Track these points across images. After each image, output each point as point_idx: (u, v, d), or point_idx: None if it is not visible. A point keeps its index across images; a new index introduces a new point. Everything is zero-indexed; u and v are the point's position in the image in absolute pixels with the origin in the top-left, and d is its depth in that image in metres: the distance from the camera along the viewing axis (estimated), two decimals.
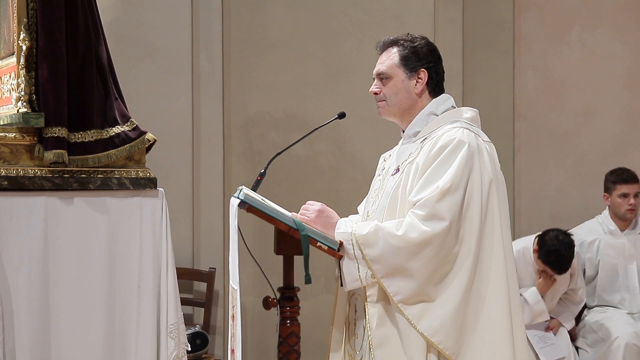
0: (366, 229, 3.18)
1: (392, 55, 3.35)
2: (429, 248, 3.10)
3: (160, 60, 5.60)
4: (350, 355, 3.40)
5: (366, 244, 3.15)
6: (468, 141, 3.19)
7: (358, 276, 3.18)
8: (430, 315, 3.11)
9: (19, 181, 3.31)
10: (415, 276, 3.11)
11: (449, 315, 3.11)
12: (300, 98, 5.86)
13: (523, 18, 6.18)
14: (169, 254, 3.54)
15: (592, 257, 5.79)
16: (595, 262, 5.79)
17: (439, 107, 3.35)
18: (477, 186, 3.17)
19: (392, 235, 3.12)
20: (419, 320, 3.11)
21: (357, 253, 3.16)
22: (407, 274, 3.11)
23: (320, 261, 3.48)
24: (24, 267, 3.28)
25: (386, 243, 3.12)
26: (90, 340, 3.39)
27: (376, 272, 3.14)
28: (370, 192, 3.50)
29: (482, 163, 3.20)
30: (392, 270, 3.12)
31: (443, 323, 3.11)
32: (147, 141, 3.57)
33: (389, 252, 3.12)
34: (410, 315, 3.12)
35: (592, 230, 5.85)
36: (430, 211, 3.11)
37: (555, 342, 5.53)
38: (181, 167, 5.63)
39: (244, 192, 3.32)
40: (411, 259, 3.10)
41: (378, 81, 3.38)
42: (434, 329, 3.10)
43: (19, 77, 3.36)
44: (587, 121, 6.23)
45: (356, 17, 5.89)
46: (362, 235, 3.16)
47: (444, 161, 3.17)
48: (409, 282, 3.11)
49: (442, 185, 3.12)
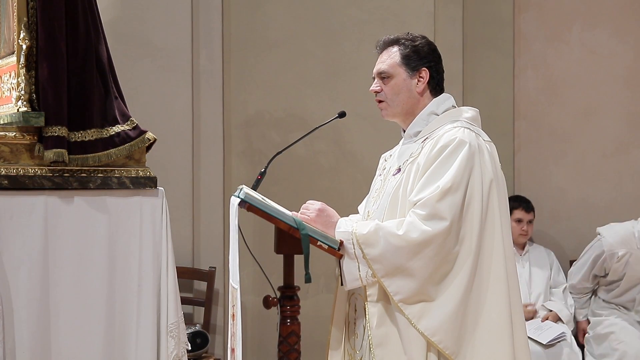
0: (367, 228, 3.17)
1: (393, 55, 3.35)
2: (430, 248, 3.10)
3: (160, 59, 5.60)
4: (350, 355, 3.40)
5: (367, 243, 3.15)
6: (469, 141, 3.19)
7: (358, 275, 3.18)
8: (430, 315, 3.11)
9: (19, 180, 3.31)
10: (416, 276, 3.11)
11: (449, 315, 3.11)
12: (300, 97, 5.85)
13: (523, 17, 6.18)
14: (169, 253, 3.54)
15: (618, 269, 5.59)
16: (620, 274, 5.62)
17: (440, 107, 3.35)
18: (477, 186, 3.17)
19: (393, 235, 3.12)
20: (419, 320, 3.11)
21: (358, 252, 3.16)
22: (407, 273, 3.11)
23: (320, 260, 3.48)
24: (24, 267, 3.28)
25: (387, 242, 3.12)
26: (91, 339, 3.39)
27: (376, 272, 3.14)
28: (370, 192, 3.50)
29: (482, 163, 3.20)
30: (393, 270, 3.12)
31: (443, 323, 3.11)
32: (147, 140, 3.57)
33: (389, 252, 3.12)
34: (411, 315, 3.12)
35: (626, 241, 5.56)
36: (430, 211, 3.11)
37: (553, 326, 5.55)
38: (181, 166, 5.63)
39: (244, 191, 3.32)
40: (412, 258, 3.10)
41: (379, 80, 3.37)
42: (433, 328, 3.10)
43: (19, 76, 3.36)
44: (587, 120, 6.22)
45: (356, 16, 5.89)
46: (363, 235, 3.16)
47: (444, 161, 3.17)
48: (409, 282, 3.11)
49: (442, 185, 3.12)
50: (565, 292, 5.81)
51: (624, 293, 5.70)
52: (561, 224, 6.17)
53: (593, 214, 6.02)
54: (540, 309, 5.70)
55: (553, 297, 5.80)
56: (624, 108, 6.22)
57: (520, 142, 6.21)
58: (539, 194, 6.18)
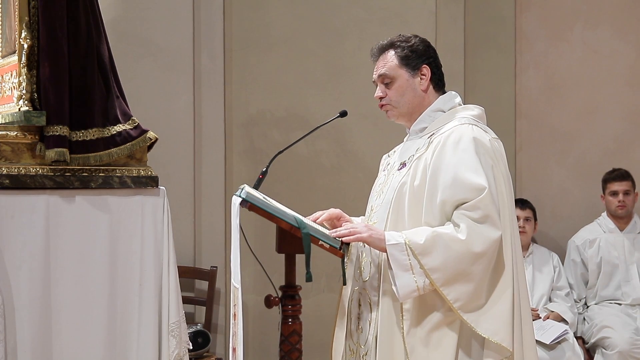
0: (422, 237, 3.12)
1: (390, 58, 3.34)
2: (490, 252, 3.10)
3: (161, 58, 5.60)
4: (353, 350, 3.39)
5: (424, 253, 3.10)
6: (480, 137, 3.21)
7: (416, 287, 3.12)
8: (488, 317, 3.12)
9: (21, 180, 3.31)
10: (475, 280, 3.10)
11: (508, 314, 3.13)
12: (301, 96, 5.85)
13: (525, 16, 6.18)
14: (171, 253, 3.54)
15: (594, 255, 5.88)
16: (597, 260, 5.87)
17: (446, 104, 3.36)
18: (501, 182, 3.21)
19: (455, 240, 3.09)
20: (478, 324, 3.11)
21: (414, 262, 3.10)
22: (468, 279, 3.10)
23: (322, 260, 3.48)
24: (25, 266, 3.28)
25: (448, 249, 3.09)
26: (92, 339, 3.39)
27: (435, 281, 3.10)
28: (374, 187, 3.49)
29: (497, 159, 3.23)
30: (454, 277, 3.10)
31: (503, 323, 3.12)
32: (148, 139, 3.57)
33: (452, 259, 3.09)
34: (470, 319, 3.11)
35: (593, 231, 5.96)
36: (484, 213, 3.09)
37: (555, 325, 5.57)
38: (183, 165, 5.63)
39: (245, 190, 3.31)
40: (474, 263, 3.09)
41: (381, 85, 3.36)
42: (494, 329, 3.11)
43: (21, 75, 3.36)
44: (589, 120, 6.22)
45: (358, 15, 5.88)
46: (420, 245, 3.10)
47: (466, 158, 3.16)
48: (468, 287, 3.10)
49: (487, 184, 3.11)
50: (569, 295, 5.83)
51: (610, 283, 5.85)
52: (562, 223, 6.17)
53: (594, 213, 6.02)
54: (542, 311, 5.71)
55: (556, 299, 5.81)
56: (625, 107, 6.22)
57: (522, 142, 6.21)
58: (541, 194, 6.17)
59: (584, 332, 5.78)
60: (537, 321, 5.60)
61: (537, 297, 5.78)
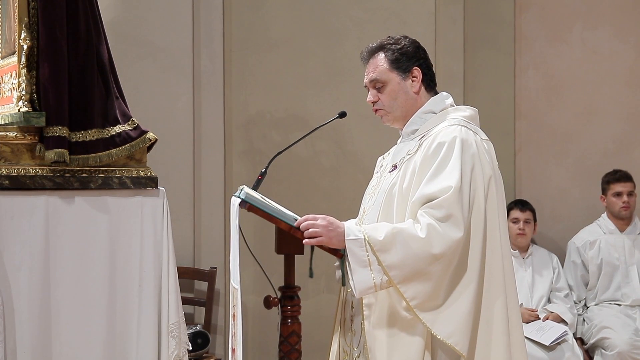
0: (381, 233, 3.09)
1: (380, 62, 3.33)
2: (451, 251, 3.07)
3: (161, 59, 5.60)
4: (346, 352, 3.39)
5: (383, 250, 3.07)
6: (467, 138, 3.19)
7: (373, 283, 3.09)
8: (444, 318, 3.08)
9: (20, 180, 3.31)
10: (433, 279, 3.07)
11: (464, 317, 3.09)
12: (301, 97, 5.85)
13: (524, 17, 6.18)
14: (170, 253, 3.54)
15: (595, 256, 5.87)
16: (597, 261, 5.87)
17: (437, 105, 3.35)
18: (480, 184, 3.17)
19: (415, 238, 3.06)
20: (434, 324, 3.08)
21: (372, 259, 3.07)
22: (426, 277, 3.07)
23: (322, 261, 3.48)
24: (25, 266, 3.28)
25: (407, 247, 3.06)
26: (92, 339, 3.39)
27: (393, 278, 3.07)
28: (367, 189, 3.49)
29: (482, 160, 3.21)
30: (412, 275, 3.07)
31: (459, 325, 3.08)
32: (148, 140, 3.57)
33: (410, 257, 3.06)
34: (425, 319, 3.08)
35: (593, 232, 5.96)
36: (447, 212, 3.07)
37: (555, 326, 5.57)
38: (182, 166, 5.63)
39: (244, 191, 3.31)
40: (432, 262, 3.06)
41: (372, 90, 3.35)
42: (449, 331, 3.08)
43: (20, 76, 3.36)
44: (589, 120, 6.22)
45: (357, 16, 5.89)
46: (379, 241, 3.07)
47: (446, 159, 3.15)
48: (426, 286, 3.07)
49: (454, 184, 3.09)
50: (569, 296, 5.84)
51: (611, 285, 5.84)
52: (562, 224, 6.17)
53: (594, 214, 6.02)
54: (542, 312, 5.71)
55: (555, 300, 5.81)
56: (625, 108, 6.22)
57: (521, 142, 6.21)
58: (540, 194, 6.18)
59: (584, 332, 5.79)
60: (536, 322, 5.60)
61: (536, 298, 5.78)
